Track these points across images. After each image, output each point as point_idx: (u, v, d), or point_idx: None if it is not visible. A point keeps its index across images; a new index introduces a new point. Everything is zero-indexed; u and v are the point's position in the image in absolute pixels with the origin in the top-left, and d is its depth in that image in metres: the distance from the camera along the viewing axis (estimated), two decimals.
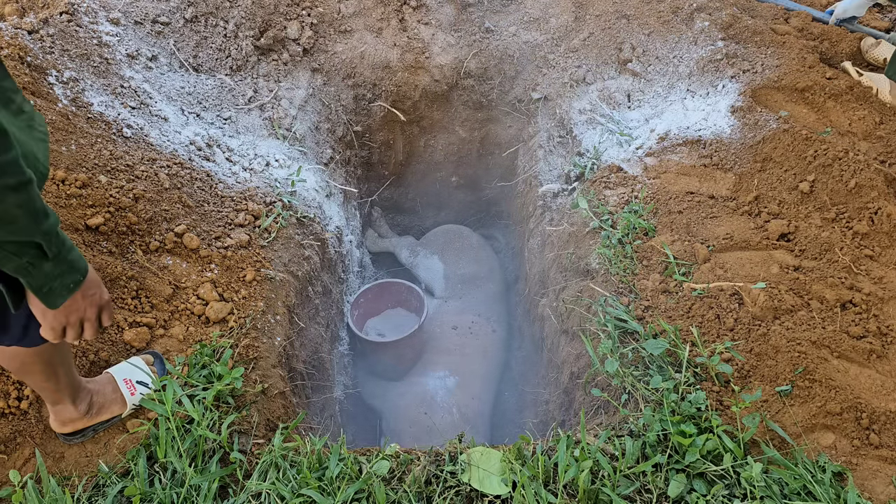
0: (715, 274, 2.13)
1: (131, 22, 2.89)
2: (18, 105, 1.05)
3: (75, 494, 1.60)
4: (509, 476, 1.64)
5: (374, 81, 3.30)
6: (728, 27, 3.06)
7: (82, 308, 1.10)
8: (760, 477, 1.59)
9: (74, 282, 1.05)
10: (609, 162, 2.72)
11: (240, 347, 1.97)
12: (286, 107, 3.00)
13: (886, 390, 1.83)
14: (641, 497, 1.61)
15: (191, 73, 2.93)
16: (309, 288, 2.56)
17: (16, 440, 1.68)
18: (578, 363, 2.25)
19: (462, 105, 3.53)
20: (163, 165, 2.35)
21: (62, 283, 1.03)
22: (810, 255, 2.19)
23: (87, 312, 1.11)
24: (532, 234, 3.16)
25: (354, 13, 3.30)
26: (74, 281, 1.05)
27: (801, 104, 2.73)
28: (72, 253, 1.03)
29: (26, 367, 1.43)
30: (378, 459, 1.70)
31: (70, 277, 1.04)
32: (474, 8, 3.43)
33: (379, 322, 3.46)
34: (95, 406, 1.66)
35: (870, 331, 1.97)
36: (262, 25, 3.10)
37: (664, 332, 1.99)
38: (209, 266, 2.16)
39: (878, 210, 2.27)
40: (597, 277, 2.32)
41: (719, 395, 1.84)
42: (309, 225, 2.65)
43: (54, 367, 1.47)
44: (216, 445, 1.72)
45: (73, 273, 1.04)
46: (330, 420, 2.65)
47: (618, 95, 3.05)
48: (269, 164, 2.71)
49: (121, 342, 1.90)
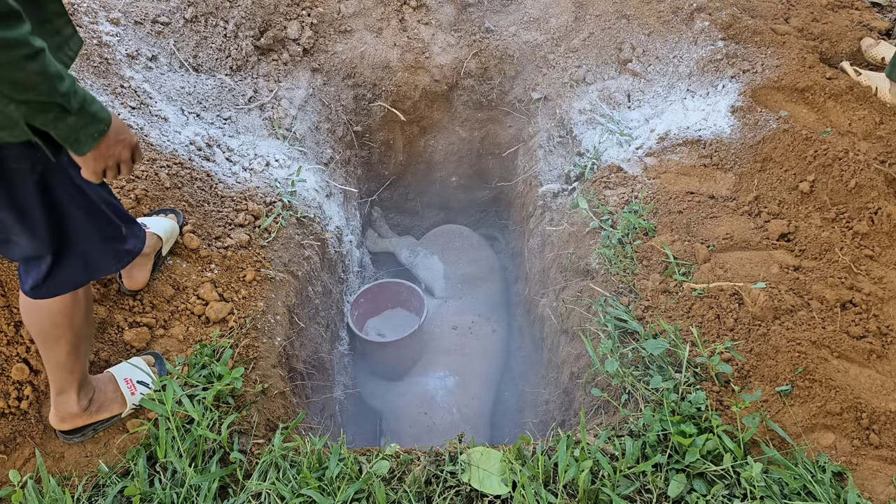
0: (715, 274, 2.13)
1: (131, 22, 2.89)
2: (56, 27, 1.20)
3: (75, 494, 1.60)
4: (509, 476, 1.64)
5: (374, 81, 3.30)
6: (728, 27, 3.06)
7: (116, 151, 1.26)
8: (760, 477, 1.59)
9: (98, 131, 1.19)
10: (609, 162, 2.72)
11: (240, 347, 1.97)
12: (286, 107, 3.00)
13: (886, 390, 1.83)
14: (641, 497, 1.61)
15: (191, 73, 2.93)
16: (309, 288, 2.56)
17: (16, 440, 1.68)
18: (578, 363, 2.25)
19: (462, 105, 3.53)
20: (163, 165, 2.35)
21: (87, 133, 1.17)
22: (810, 255, 2.19)
23: (121, 154, 1.28)
24: (532, 234, 3.16)
25: (354, 13, 3.30)
26: (98, 130, 1.19)
27: (801, 104, 2.73)
28: (93, 106, 1.16)
29: (56, 332, 1.47)
30: (378, 459, 1.70)
31: (94, 128, 1.18)
32: (474, 8, 3.43)
33: (379, 322, 3.46)
34: (96, 403, 1.66)
35: (870, 331, 1.97)
36: (262, 25, 3.10)
37: (664, 332, 1.99)
38: (209, 266, 2.17)
39: (878, 210, 2.27)
40: (597, 277, 2.32)
41: (719, 395, 1.84)
42: (309, 225, 2.65)
43: (80, 339, 1.52)
44: (216, 445, 1.72)
45: (96, 124, 1.18)
46: (330, 420, 2.65)
47: (618, 95, 3.05)
48: (269, 164, 2.71)
49: (121, 342, 1.90)
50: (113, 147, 1.24)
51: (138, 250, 1.58)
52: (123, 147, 1.27)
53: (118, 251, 1.52)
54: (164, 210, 2.19)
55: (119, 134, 1.25)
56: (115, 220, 1.48)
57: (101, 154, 1.23)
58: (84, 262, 1.44)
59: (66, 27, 1.22)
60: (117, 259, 1.54)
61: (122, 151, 1.27)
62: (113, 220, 1.47)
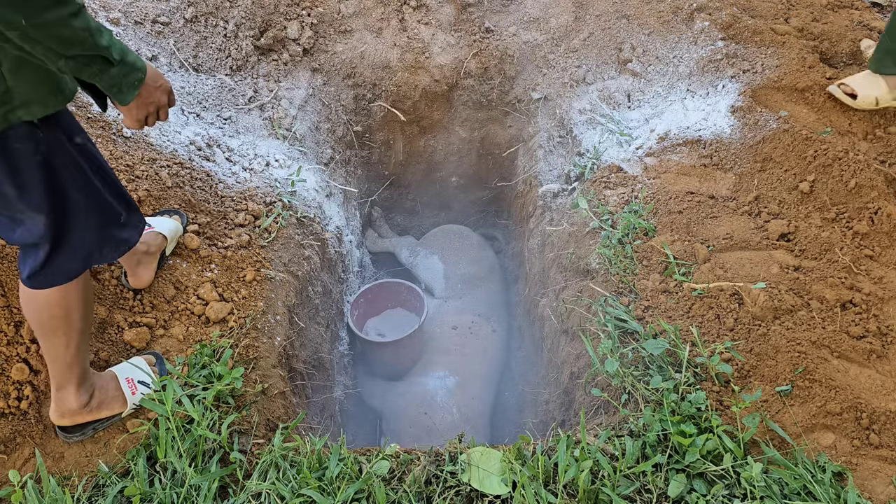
0: (715, 274, 2.13)
1: (131, 22, 2.89)
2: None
3: (75, 494, 1.60)
4: (509, 476, 1.64)
5: (374, 81, 3.30)
6: (728, 27, 3.06)
7: (156, 96, 1.35)
8: (760, 477, 1.59)
9: (138, 79, 1.28)
10: (609, 162, 2.72)
11: (240, 347, 1.97)
12: (286, 107, 3.00)
13: (886, 390, 1.83)
14: (641, 497, 1.61)
15: (191, 73, 2.93)
16: (309, 288, 2.56)
17: (16, 440, 1.68)
18: (578, 363, 2.25)
19: (462, 105, 3.53)
20: (163, 165, 2.35)
21: (128, 81, 1.27)
22: (810, 255, 2.19)
23: (160, 99, 1.37)
24: (532, 234, 3.16)
25: (354, 13, 3.30)
26: (138, 79, 1.28)
27: (801, 104, 2.73)
28: (130, 55, 1.25)
29: (53, 323, 1.48)
30: (378, 459, 1.70)
31: (133, 76, 1.27)
32: (474, 8, 3.43)
33: (379, 322, 3.46)
34: (96, 400, 1.66)
35: (870, 331, 1.97)
36: (262, 25, 3.10)
37: (664, 332, 1.99)
38: (209, 266, 2.17)
39: (878, 210, 2.27)
40: (597, 277, 2.32)
41: (719, 395, 1.84)
42: (309, 225, 2.65)
43: (78, 333, 1.52)
44: (216, 445, 1.72)
45: (135, 72, 1.27)
46: (330, 420, 2.65)
47: (618, 95, 3.05)
48: (269, 164, 2.71)
49: (121, 342, 1.91)
50: (153, 93, 1.34)
51: (134, 241, 1.58)
52: (161, 92, 1.36)
53: (116, 238, 1.53)
54: (167, 211, 2.20)
55: (156, 80, 1.34)
56: (116, 207, 1.49)
57: (143, 101, 1.32)
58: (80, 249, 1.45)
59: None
60: (114, 247, 1.54)
61: (160, 97, 1.36)
62: (113, 206, 1.48)
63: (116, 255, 1.58)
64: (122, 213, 1.51)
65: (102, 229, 1.48)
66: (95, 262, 1.53)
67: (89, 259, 1.49)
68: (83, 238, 1.44)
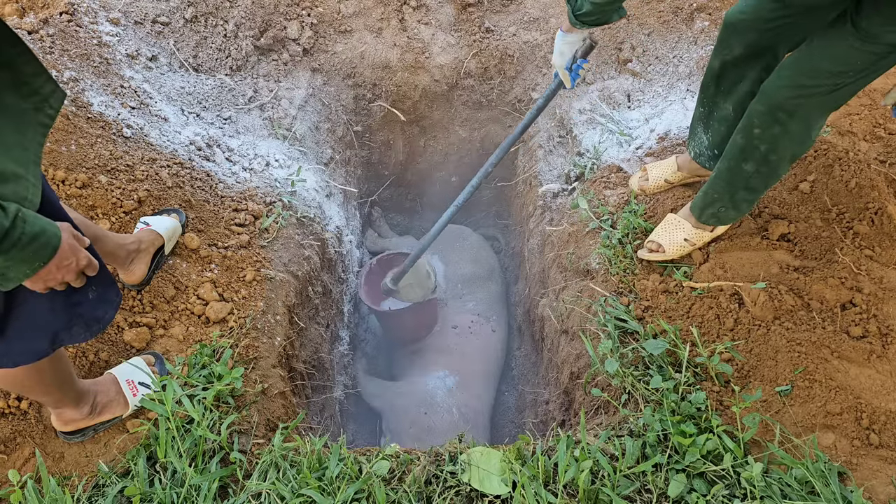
0: (715, 274, 2.13)
1: (131, 22, 2.89)
2: (34, 88, 1.08)
3: (75, 494, 1.60)
4: (509, 476, 1.64)
5: (374, 81, 3.30)
6: None
7: (58, 276, 1.12)
8: (760, 477, 1.59)
9: (32, 269, 1.06)
10: (609, 162, 2.72)
11: (240, 347, 1.97)
12: (286, 107, 3.00)
13: (886, 390, 1.83)
14: (641, 497, 1.61)
15: (191, 73, 2.93)
16: (309, 288, 2.56)
17: (16, 440, 1.68)
18: (578, 363, 2.25)
19: (462, 105, 3.53)
20: (163, 165, 2.35)
21: (16, 273, 1.04)
22: (810, 255, 2.19)
23: (67, 277, 1.14)
24: (532, 234, 3.16)
25: (354, 13, 3.30)
26: (32, 268, 1.05)
27: None
28: (30, 245, 1.01)
29: (23, 386, 1.44)
30: (378, 459, 1.70)
31: (25, 266, 1.04)
32: (474, 8, 3.43)
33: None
34: (98, 406, 1.67)
35: (870, 331, 1.97)
36: (262, 25, 3.10)
37: (664, 332, 1.99)
38: (209, 266, 2.16)
39: (878, 210, 2.27)
40: (597, 277, 2.32)
41: (719, 395, 1.84)
42: (309, 225, 2.65)
43: (50, 385, 1.48)
44: (216, 445, 1.72)
45: (30, 262, 1.04)
46: (330, 420, 2.65)
47: (618, 95, 3.05)
48: (269, 164, 2.71)
49: (121, 342, 1.90)
50: (55, 272, 1.11)
51: (109, 318, 1.41)
52: (67, 272, 1.13)
53: (87, 318, 1.35)
54: (167, 210, 2.20)
55: (63, 260, 1.11)
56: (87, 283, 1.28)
57: (42, 277, 1.10)
58: (44, 330, 1.30)
59: (45, 85, 1.10)
60: (85, 327, 1.37)
61: (66, 275, 1.14)
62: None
63: (89, 336, 1.40)
64: (95, 289, 1.33)
65: (71, 309, 1.31)
66: (65, 343, 1.37)
67: (56, 340, 1.33)
68: (47, 320, 1.28)
